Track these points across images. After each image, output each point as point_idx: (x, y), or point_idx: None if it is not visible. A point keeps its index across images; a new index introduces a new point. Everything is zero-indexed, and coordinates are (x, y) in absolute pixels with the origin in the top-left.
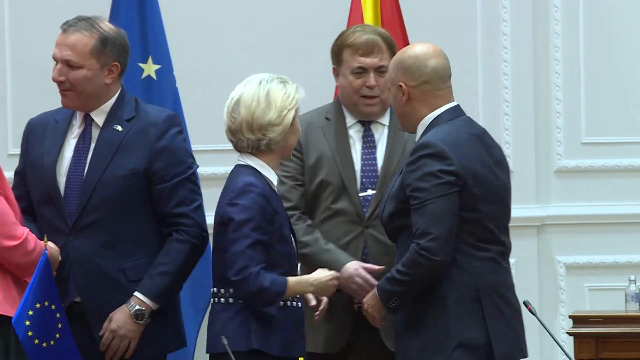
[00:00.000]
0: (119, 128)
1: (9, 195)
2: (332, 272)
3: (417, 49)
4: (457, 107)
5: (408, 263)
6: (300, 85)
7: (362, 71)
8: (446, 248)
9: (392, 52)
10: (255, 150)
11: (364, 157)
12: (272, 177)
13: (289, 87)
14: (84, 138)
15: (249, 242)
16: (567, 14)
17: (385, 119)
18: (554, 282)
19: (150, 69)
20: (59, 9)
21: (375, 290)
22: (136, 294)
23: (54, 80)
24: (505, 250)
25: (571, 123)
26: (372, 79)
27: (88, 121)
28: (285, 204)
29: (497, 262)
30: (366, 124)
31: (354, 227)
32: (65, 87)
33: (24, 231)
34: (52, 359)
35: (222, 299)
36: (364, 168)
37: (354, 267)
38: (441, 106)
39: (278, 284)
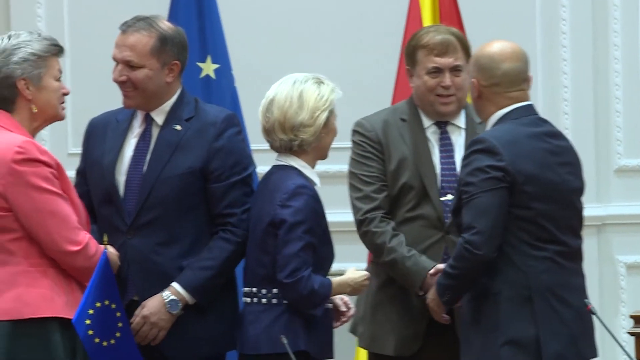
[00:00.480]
0: (178, 127)
1: (73, 198)
2: (365, 272)
3: (495, 48)
4: (529, 106)
5: (456, 257)
6: (337, 86)
7: (437, 71)
8: (490, 242)
9: (467, 52)
10: (288, 150)
11: (443, 160)
12: (315, 178)
13: (324, 87)
14: (144, 137)
15: (302, 244)
16: (626, 13)
17: (462, 121)
18: (614, 282)
19: (209, 68)
20: (117, 10)
21: (434, 287)
22: (173, 284)
23: (115, 81)
24: (567, 250)
25: (631, 122)
26: (447, 79)
27: (148, 121)
28: (370, 204)
29: (555, 261)
30: (442, 126)
31: (434, 232)
32: (127, 87)
33: (85, 236)
34: (113, 358)
35: (264, 299)
36: (443, 172)
37: None
38: (510, 105)
39: (325, 287)
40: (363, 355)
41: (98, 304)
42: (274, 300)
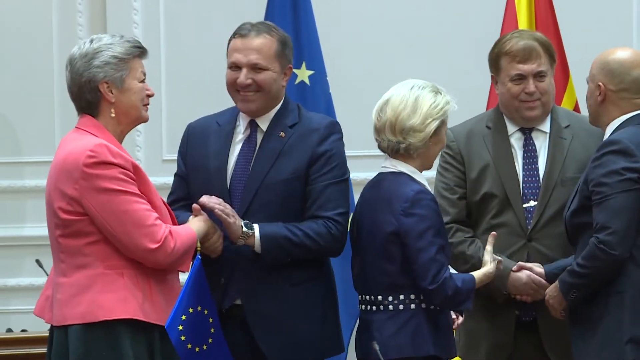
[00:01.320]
0: (282, 134)
1: (154, 200)
2: (495, 261)
3: (625, 54)
4: None
5: (587, 256)
6: (453, 98)
7: (520, 78)
8: (624, 243)
9: (551, 56)
10: (394, 153)
11: (526, 167)
12: (424, 182)
13: (440, 97)
14: (250, 143)
15: (436, 248)
16: None
17: (547, 126)
18: None
19: (303, 74)
20: (212, 17)
21: (557, 282)
22: (254, 224)
23: (240, 85)
24: None
25: None
26: (531, 85)
27: (253, 126)
28: (445, 217)
29: None
30: (527, 132)
31: (517, 240)
32: (250, 90)
33: (164, 232)
34: None
35: (391, 307)
36: (525, 179)
37: (526, 274)
38: (630, 112)
39: (467, 282)
40: None
41: (191, 310)
42: (401, 307)
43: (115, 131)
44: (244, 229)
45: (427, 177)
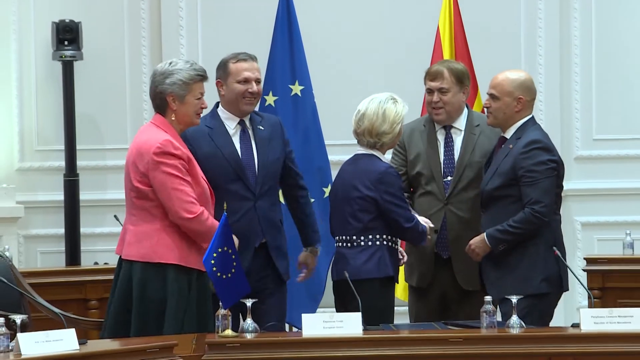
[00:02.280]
0: (262, 127)
1: (200, 183)
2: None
3: (526, 74)
4: (533, 117)
5: (522, 221)
6: (405, 102)
7: (430, 91)
8: (550, 213)
9: (457, 78)
10: (371, 147)
11: (446, 153)
12: (386, 161)
13: (399, 106)
14: (244, 134)
15: (404, 203)
16: (584, 24)
17: (462, 125)
18: (573, 235)
19: (297, 89)
20: (234, 46)
21: (484, 236)
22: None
23: (252, 93)
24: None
25: (586, 126)
26: (435, 96)
27: (242, 123)
28: None
29: (560, 222)
30: (448, 129)
31: (437, 203)
32: (254, 96)
33: (200, 208)
34: (229, 286)
35: (362, 243)
36: (445, 162)
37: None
38: (529, 115)
39: (424, 226)
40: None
41: (220, 250)
42: (370, 243)
43: (176, 128)
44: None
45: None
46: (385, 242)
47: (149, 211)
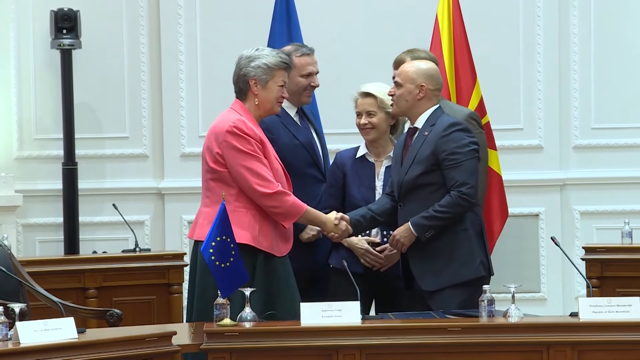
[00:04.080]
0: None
1: (274, 165)
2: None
3: (433, 64)
4: (441, 107)
5: (449, 205)
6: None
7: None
8: (477, 194)
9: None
10: None
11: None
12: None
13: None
14: (303, 122)
15: None
16: (583, 22)
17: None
18: (572, 224)
19: None
20: (228, 38)
21: (408, 225)
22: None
23: (314, 86)
24: None
25: (584, 116)
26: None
27: (299, 112)
28: None
29: (482, 209)
30: None
31: None
32: (313, 89)
33: (277, 187)
34: (228, 275)
35: None
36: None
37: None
38: (436, 104)
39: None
40: None
41: (218, 239)
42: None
43: (255, 114)
44: None
45: None
46: None
47: (219, 195)
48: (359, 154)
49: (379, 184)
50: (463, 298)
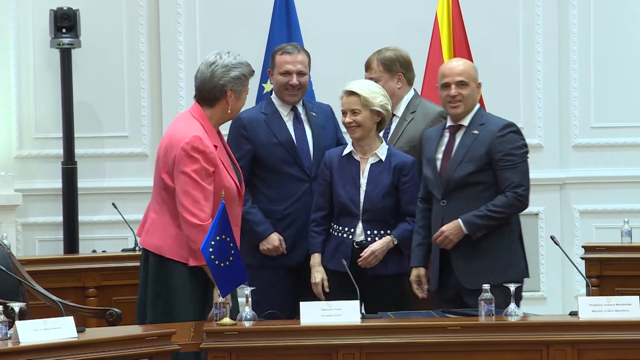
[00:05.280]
0: (314, 114)
1: (222, 176)
2: None
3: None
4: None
5: (504, 205)
6: None
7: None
8: (529, 196)
9: (385, 67)
10: None
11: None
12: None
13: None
14: (297, 120)
15: None
16: (583, 23)
17: (400, 111)
18: (571, 223)
19: None
20: (226, 41)
21: (459, 222)
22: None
23: (292, 84)
24: None
25: (584, 115)
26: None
27: (295, 110)
28: None
29: None
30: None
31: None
32: (297, 89)
33: (207, 221)
34: (227, 274)
35: None
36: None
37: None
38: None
39: None
40: None
41: (218, 238)
42: None
43: (216, 122)
44: None
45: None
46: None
47: (170, 205)
48: (345, 152)
49: (363, 181)
50: (504, 298)
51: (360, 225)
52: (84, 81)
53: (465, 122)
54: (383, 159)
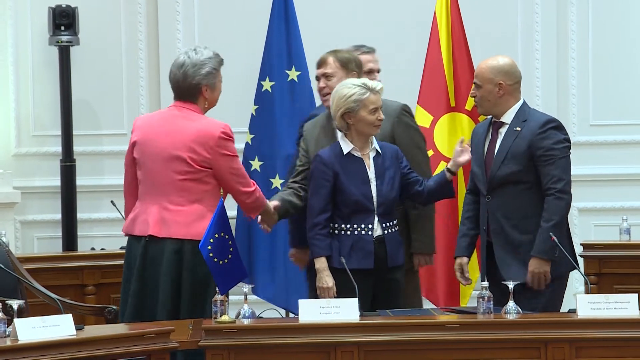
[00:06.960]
0: None
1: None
2: None
3: (507, 59)
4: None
5: (554, 210)
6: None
7: (317, 78)
8: (570, 191)
9: (342, 64)
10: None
11: None
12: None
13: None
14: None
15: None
16: (581, 24)
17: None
18: (570, 221)
19: (293, 74)
20: (225, 39)
21: (536, 259)
22: None
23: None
24: None
25: (582, 114)
26: (321, 82)
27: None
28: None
29: None
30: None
31: None
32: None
33: (254, 185)
34: (226, 271)
35: None
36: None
37: None
38: (520, 99)
39: None
40: None
41: (216, 235)
42: None
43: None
44: None
45: None
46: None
47: (196, 194)
48: (345, 152)
49: (371, 175)
50: (554, 290)
51: (376, 220)
52: (82, 79)
53: (506, 118)
54: (379, 150)
